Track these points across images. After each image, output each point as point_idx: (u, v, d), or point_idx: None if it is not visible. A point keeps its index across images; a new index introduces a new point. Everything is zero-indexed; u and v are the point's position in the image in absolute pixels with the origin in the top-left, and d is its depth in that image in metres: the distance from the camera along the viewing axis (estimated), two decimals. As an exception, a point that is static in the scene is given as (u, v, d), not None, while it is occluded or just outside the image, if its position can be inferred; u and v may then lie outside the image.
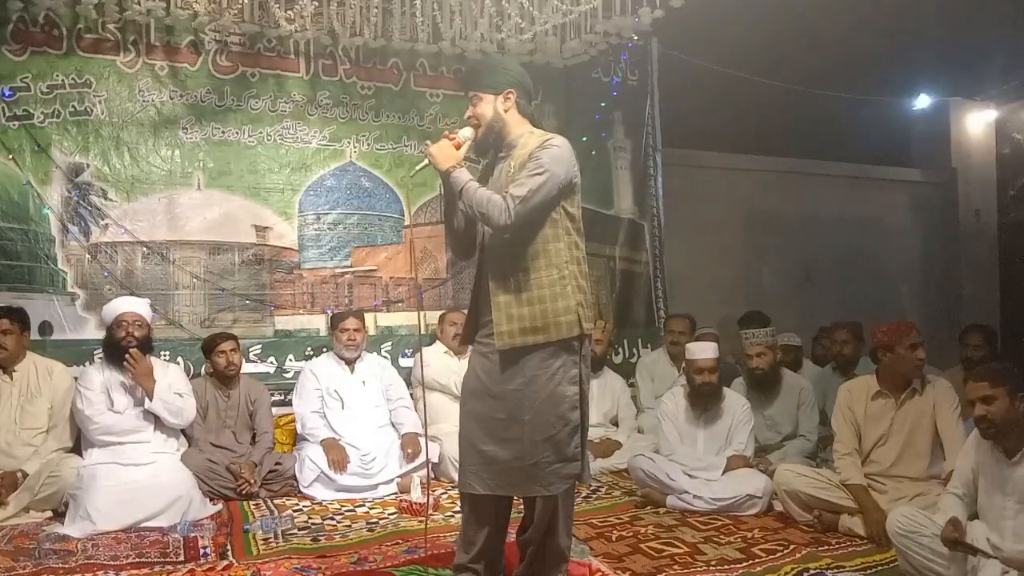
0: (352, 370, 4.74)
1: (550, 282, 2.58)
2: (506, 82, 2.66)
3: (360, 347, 4.75)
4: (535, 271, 2.58)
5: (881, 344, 3.69)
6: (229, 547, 3.46)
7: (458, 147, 2.65)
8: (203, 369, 4.67)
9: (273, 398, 4.81)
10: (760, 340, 4.59)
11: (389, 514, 4.04)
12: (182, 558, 3.32)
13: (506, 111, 2.67)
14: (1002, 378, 2.70)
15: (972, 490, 2.87)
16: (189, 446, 4.31)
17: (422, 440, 4.65)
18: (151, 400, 4.02)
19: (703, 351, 4.31)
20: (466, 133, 2.68)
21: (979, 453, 2.85)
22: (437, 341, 5.17)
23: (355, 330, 4.70)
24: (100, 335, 4.56)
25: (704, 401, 4.26)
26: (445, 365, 4.96)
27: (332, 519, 3.95)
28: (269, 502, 4.22)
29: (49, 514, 3.85)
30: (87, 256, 4.71)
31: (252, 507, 4.11)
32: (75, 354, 4.55)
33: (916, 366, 3.63)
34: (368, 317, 5.09)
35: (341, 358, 4.75)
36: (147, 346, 4.15)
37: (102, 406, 4.01)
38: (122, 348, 4.02)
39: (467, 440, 2.68)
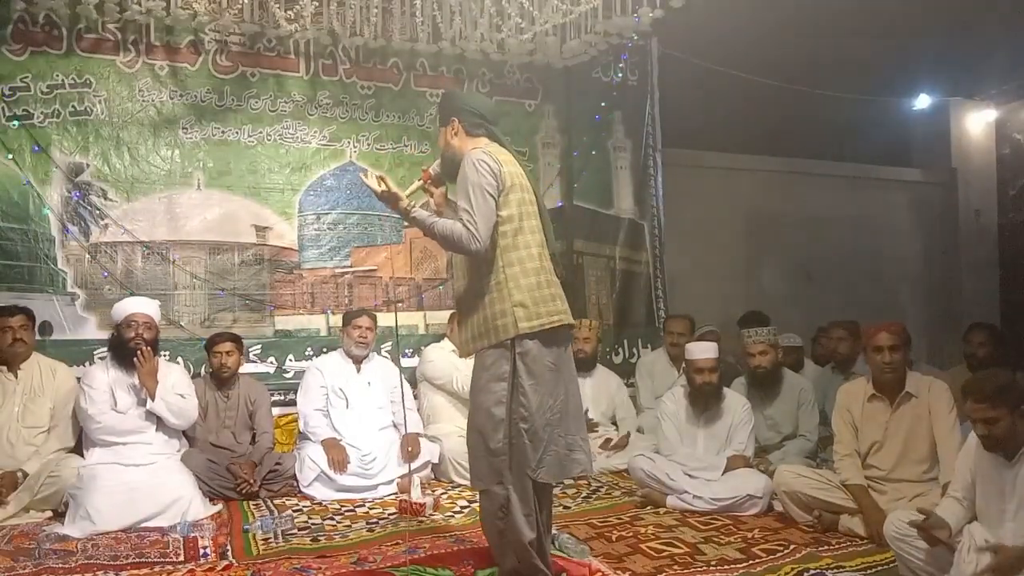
0: (359, 370, 4.74)
1: (487, 289, 2.76)
2: (449, 113, 2.93)
3: (370, 346, 4.75)
4: (476, 280, 2.79)
5: (863, 344, 3.71)
6: (229, 547, 3.46)
7: (428, 178, 2.97)
8: (203, 369, 4.68)
9: (273, 398, 4.81)
10: (762, 338, 4.60)
11: (389, 514, 4.04)
12: (182, 558, 3.32)
13: (453, 138, 2.90)
14: (1001, 398, 2.64)
15: (972, 493, 2.86)
16: (190, 446, 4.31)
17: (422, 440, 4.66)
18: (153, 400, 4.02)
19: (703, 351, 4.31)
20: (436, 167, 2.99)
21: (977, 456, 2.84)
22: (445, 339, 5.17)
23: (367, 328, 4.70)
24: (100, 335, 4.57)
25: (704, 401, 4.26)
26: (450, 363, 4.95)
27: (332, 519, 3.95)
28: (269, 502, 4.22)
29: (49, 514, 3.86)
30: (87, 256, 4.71)
31: (252, 507, 4.12)
32: (75, 354, 4.55)
33: (881, 370, 3.59)
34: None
35: (349, 356, 4.74)
36: (154, 349, 4.16)
37: (105, 405, 4.01)
38: (131, 349, 4.03)
39: None
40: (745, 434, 4.22)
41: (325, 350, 4.96)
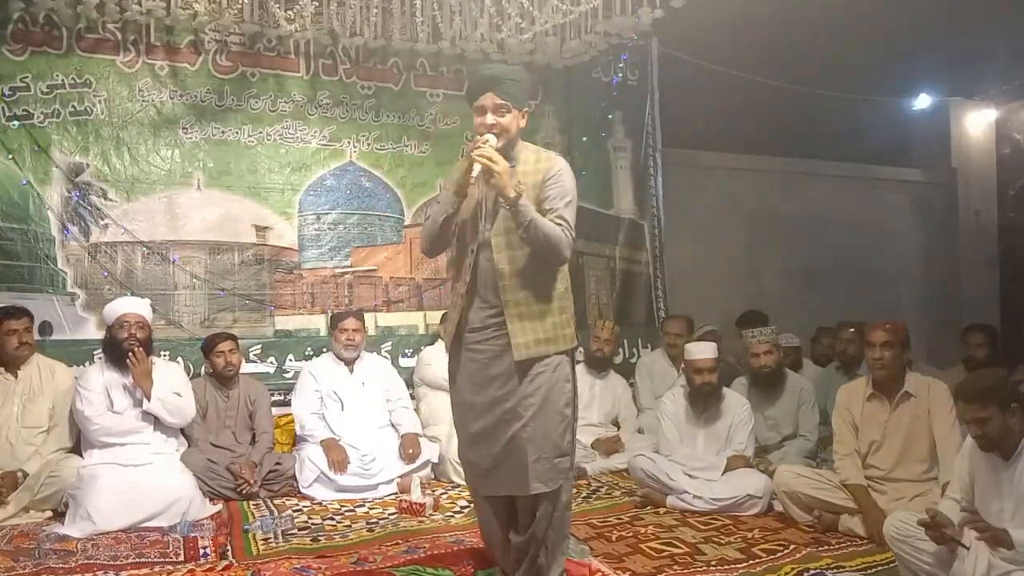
0: (351, 371, 4.74)
1: (557, 296, 2.71)
2: (527, 100, 2.73)
3: (359, 348, 4.74)
4: (545, 286, 2.68)
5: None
6: (229, 547, 3.46)
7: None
8: (203, 369, 4.68)
9: (273, 398, 4.81)
10: (766, 338, 4.60)
11: (389, 514, 4.04)
12: (182, 558, 3.32)
13: (521, 128, 2.72)
14: (990, 397, 2.67)
15: (970, 494, 2.86)
16: (189, 446, 4.31)
17: (422, 440, 4.66)
18: (149, 401, 4.02)
19: (702, 351, 4.31)
20: (493, 142, 2.59)
21: (974, 457, 2.84)
22: (439, 341, 5.16)
23: (354, 330, 4.69)
24: (100, 335, 4.56)
25: (704, 401, 4.26)
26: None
27: (332, 519, 3.95)
28: (269, 502, 4.22)
29: (49, 514, 3.86)
30: (87, 256, 4.71)
31: (252, 507, 4.12)
32: (75, 354, 4.55)
33: (872, 366, 3.63)
34: (368, 317, 5.09)
35: (340, 358, 4.74)
36: (148, 347, 4.15)
37: (102, 407, 4.01)
38: (124, 350, 4.03)
39: (475, 445, 2.76)
40: (745, 434, 4.22)
41: (325, 350, 4.95)
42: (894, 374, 3.62)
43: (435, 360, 5.00)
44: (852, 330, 5.06)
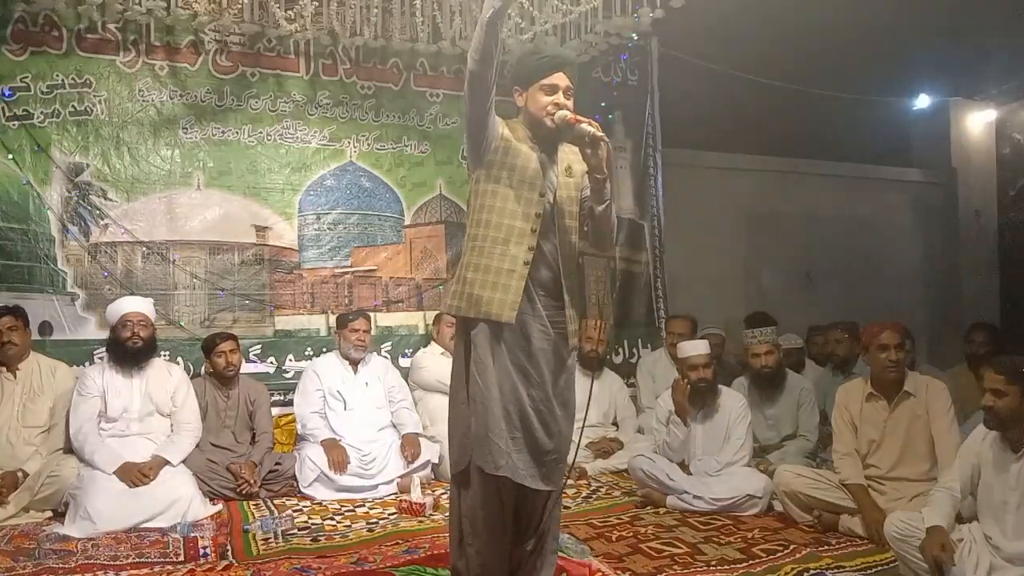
0: (356, 371, 4.73)
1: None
2: None
3: (367, 348, 4.74)
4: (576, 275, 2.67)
5: (862, 344, 3.74)
6: (229, 547, 3.46)
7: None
8: (203, 369, 4.68)
9: (273, 398, 4.81)
10: (765, 338, 4.60)
11: (389, 514, 4.04)
12: (182, 558, 3.32)
13: None
14: (1018, 376, 2.72)
15: (968, 487, 2.87)
16: (189, 446, 4.31)
17: (422, 440, 4.66)
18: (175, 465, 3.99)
19: (695, 348, 4.30)
20: (569, 117, 2.63)
21: (983, 447, 2.85)
22: (432, 343, 5.16)
23: (364, 331, 4.69)
24: (100, 335, 4.57)
25: (701, 399, 4.24)
26: (442, 367, 4.95)
27: (332, 519, 3.95)
28: (269, 502, 4.22)
29: (49, 514, 3.86)
30: (87, 256, 4.72)
31: (252, 507, 4.12)
32: (75, 354, 4.55)
33: (885, 368, 3.61)
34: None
35: (346, 358, 4.73)
36: (152, 346, 4.17)
37: (94, 410, 4.00)
38: (128, 348, 4.04)
39: (541, 431, 2.53)
40: (743, 428, 4.19)
41: (325, 350, 4.95)
42: (901, 375, 3.62)
43: (428, 363, 5.00)
44: (841, 331, 5.07)
